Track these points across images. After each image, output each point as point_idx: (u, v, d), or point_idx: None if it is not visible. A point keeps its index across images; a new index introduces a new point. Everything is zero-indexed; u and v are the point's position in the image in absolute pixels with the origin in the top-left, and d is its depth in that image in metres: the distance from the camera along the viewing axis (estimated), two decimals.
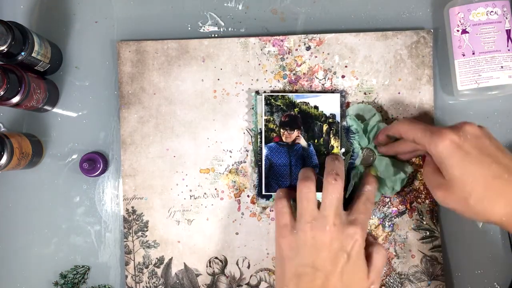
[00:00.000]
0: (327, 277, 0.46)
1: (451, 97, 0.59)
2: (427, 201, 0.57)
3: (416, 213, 0.57)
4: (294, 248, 0.48)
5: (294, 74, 0.58)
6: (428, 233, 0.57)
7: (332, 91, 0.57)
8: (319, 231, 0.47)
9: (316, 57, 0.58)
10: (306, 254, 0.47)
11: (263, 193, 0.57)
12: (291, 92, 0.57)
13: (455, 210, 0.47)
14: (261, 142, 0.56)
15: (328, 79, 0.58)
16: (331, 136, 0.56)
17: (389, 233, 0.57)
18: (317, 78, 0.58)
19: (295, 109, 0.56)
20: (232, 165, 0.58)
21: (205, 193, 0.58)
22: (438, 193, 0.48)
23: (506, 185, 0.44)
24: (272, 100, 0.56)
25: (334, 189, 0.48)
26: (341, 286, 0.46)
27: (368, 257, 0.48)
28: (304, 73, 0.58)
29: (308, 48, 0.58)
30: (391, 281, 0.57)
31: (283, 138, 0.57)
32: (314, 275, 0.46)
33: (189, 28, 0.60)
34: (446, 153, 0.46)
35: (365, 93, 0.58)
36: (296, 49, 0.58)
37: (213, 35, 0.60)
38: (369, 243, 0.50)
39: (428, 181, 0.50)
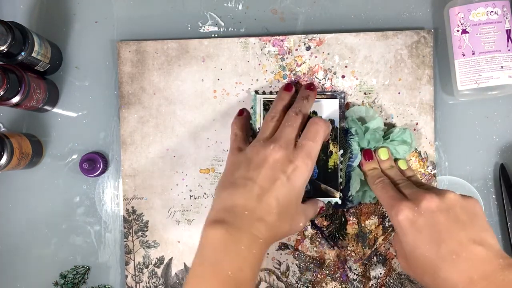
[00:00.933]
0: (263, 192, 0.45)
1: (451, 97, 0.59)
2: None
3: None
4: (238, 162, 0.48)
5: (294, 74, 0.58)
6: None
7: (331, 93, 0.57)
8: (264, 149, 0.47)
9: (316, 57, 0.58)
10: (247, 168, 0.47)
11: None
12: None
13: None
14: None
15: (328, 79, 0.58)
16: (329, 141, 0.55)
17: (389, 233, 0.57)
18: (317, 78, 0.58)
19: None
20: None
21: (205, 193, 0.58)
22: (400, 261, 0.48)
23: (454, 265, 0.42)
24: (271, 105, 0.56)
25: (293, 119, 0.49)
26: (275, 205, 0.45)
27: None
28: (304, 73, 0.58)
29: (308, 48, 0.58)
30: (391, 281, 0.57)
31: None
32: (251, 187, 0.45)
33: (189, 28, 0.60)
34: (400, 229, 0.46)
35: (365, 93, 0.57)
36: (296, 49, 0.58)
37: (213, 35, 0.60)
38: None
39: (394, 247, 0.51)
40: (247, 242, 0.43)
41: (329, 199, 0.55)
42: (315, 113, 0.56)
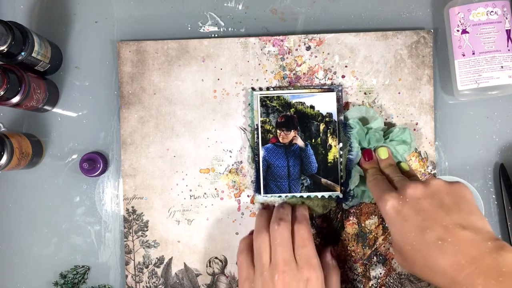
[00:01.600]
0: None
1: (451, 97, 0.59)
2: None
3: None
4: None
5: (294, 74, 0.58)
6: None
7: (329, 87, 0.57)
8: (271, 281, 0.47)
9: (316, 57, 0.58)
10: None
11: (262, 195, 0.57)
12: (286, 88, 0.57)
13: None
14: (257, 138, 0.57)
15: (328, 79, 0.58)
16: (328, 135, 0.56)
17: (389, 233, 0.57)
18: (317, 78, 0.58)
19: (291, 110, 0.57)
20: (232, 165, 0.58)
21: (205, 193, 0.58)
22: (395, 256, 0.47)
23: (441, 251, 0.41)
24: (268, 101, 0.56)
25: (279, 234, 0.49)
26: None
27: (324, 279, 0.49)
28: (304, 73, 0.58)
29: (308, 48, 0.58)
30: (391, 281, 0.57)
31: (280, 139, 0.57)
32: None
33: (189, 28, 0.60)
34: (388, 219, 0.46)
35: (365, 93, 0.58)
36: (296, 49, 0.58)
37: (213, 35, 0.60)
38: (325, 265, 0.52)
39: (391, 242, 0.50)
40: None
41: (330, 193, 0.55)
42: (312, 107, 0.56)
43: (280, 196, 0.57)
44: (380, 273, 0.57)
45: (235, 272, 0.58)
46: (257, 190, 0.57)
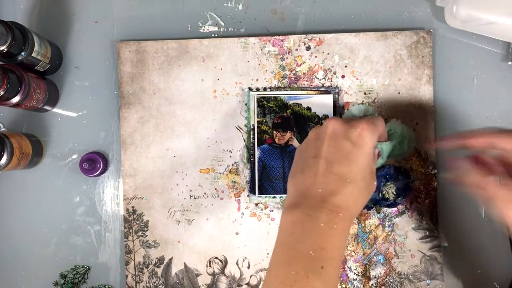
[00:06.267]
0: (330, 164, 0.44)
1: (451, 96, 0.58)
2: (427, 201, 0.57)
3: (416, 213, 0.57)
4: (301, 149, 0.47)
5: (294, 74, 0.58)
6: (427, 233, 0.57)
7: (325, 89, 0.57)
8: (323, 125, 0.46)
9: (316, 57, 0.58)
10: (311, 147, 0.46)
11: (257, 195, 0.57)
12: (284, 89, 0.57)
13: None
14: (253, 138, 0.57)
15: (328, 79, 0.58)
16: None
17: (389, 232, 0.57)
18: (317, 78, 0.58)
19: (288, 111, 0.57)
20: (232, 165, 0.58)
21: (205, 193, 0.58)
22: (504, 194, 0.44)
23: None
24: (265, 102, 0.57)
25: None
26: (347, 174, 0.43)
27: None
28: (304, 73, 0.58)
29: (308, 48, 0.58)
30: (391, 280, 0.57)
31: (276, 140, 0.57)
32: (317, 163, 0.44)
33: (189, 28, 0.60)
34: None
35: (365, 93, 0.58)
36: (296, 49, 0.58)
37: (213, 35, 0.60)
38: None
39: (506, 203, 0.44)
40: (325, 219, 0.41)
41: None
42: (309, 109, 0.56)
43: (274, 197, 0.57)
44: (380, 273, 0.57)
45: (235, 272, 0.58)
46: (252, 190, 0.57)
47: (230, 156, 0.58)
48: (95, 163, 0.58)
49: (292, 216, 0.43)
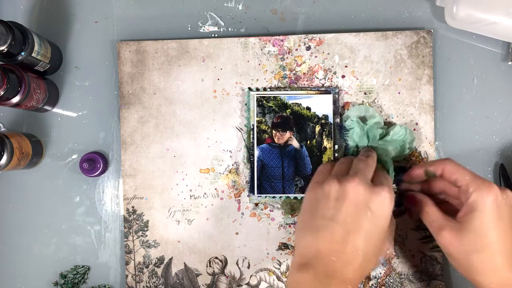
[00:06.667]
0: (347, 233, 0.43)
1: (451, 97, 0.59)
2: None
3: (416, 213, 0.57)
4: (317, 199, 0.46)
5: (294, 74, 0.58)
6: (428, 233, 0.57)
7: (325, 89, 0.57)
8: (342, 183, 0.45)
9: (316, 57, 0.58)
10: (328, 206, 0.45)
11: (256, 194, 0.57)
12: (283, 89, 0.57)
13: (450, 255, 0.47)
14: (253, 138, 0.57)
15: (328, 79, 0.58)
16: (323, 137, 0.56)
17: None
18: (317, 78, 0.58)
19: (287, 110, 0.57)
20: (232, 165, 0.58)
21: (205, 193, 0.58)
22: (444, 233, 0.46)
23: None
24: (264, 102, 0.57)
25: (363, 162, 0.48)
26: (362, 246, 0.43)
27: None
28: (304, 73, 0.58)
29: (308, 48, 0.58)
30: (391, 281, 0.57)
31: (275, 140, 0.57)
32: (334, 228, 0.43)
33: (189, 28, 0.60)
34: (484, 205, 0.45)
35: (365, 93, 0.58)
36: (296, 49, 0.58)
37: (213, 35, 0.60)
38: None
39: (432, 220, 0.48)
40: None
41: None
42: (308, 108, 0.56)
43: (274, 197, 0.57)
44: (380, 273, 0.57)
45: (235, 272, 0.58)
46: (252, 190, 0.57)
47: (230, 156, 0.58)
48: (95, 163, 0.58)
49: (303, 277, 0.43)
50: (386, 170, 0.54)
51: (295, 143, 0.57)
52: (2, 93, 0.50)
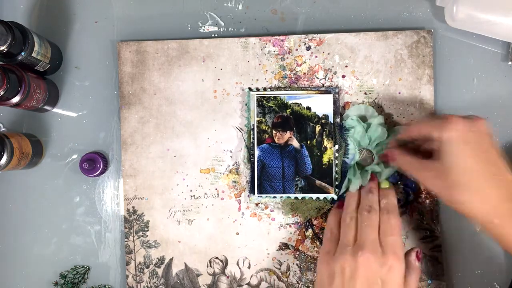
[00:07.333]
0: None
1: (451, 96, 0.59)
2: (427, 201, 0.57)
3: (416, 213, 0.57)
4: (332, 274, 0.48)
5: (294, 74, 0.58)
6: (428, 233, 0.57)
7: (326, 89, 0.57)
8: (353, 257, 0.47)
9: (316, 57, 0.58)
10: (342, 282, 0.47)
11: (256, 195, 0.57)
12: (284, 89, 0.57)
13: (436, 194, 0.49)
14: (253, 138, 0.57)
15: (328, 79, 0.58)
16: (324, 137, 0.56)
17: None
18: (317, 78, 0.58)
19: (288, 110, 0.57)
20: (233, 165, 0.58)
21: (205, 193, 0.58)
22: (423, 175, 0.49)
23: (491, 185, 0.45)
24: (264, 102, 0.57)
25: (368, 221, 0.49)
26: None
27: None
28: (304, 73, 0.58)
29: (308, 48, 0.58)
30: None
31: (276, 140, 0.57)
32: None
33: (189, 28, 0.60)
34: (448, 138, 0.47)
35: (365, 93, 0.58)
36: (296, 49, 0.58)
37: (213, 35, 0.60)
38: (407, 263, 0.50)
39: (409, 167, 0.51)
40: None
41: (325, 195, 0.56)
42: (308, 108, 0.56)
43: (275, 197, 0.57)
44: None
45: (236, 272, 0.58)
46: (252, 190, 0.57)
47: (231, 156, 0.58)
48: (95, 163, 0.58)
49: None
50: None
51: (295, 143, 0.57)
52: (2, 93, 0.50)
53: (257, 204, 0.58)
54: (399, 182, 0.57)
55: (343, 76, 0.58)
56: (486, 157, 0.46)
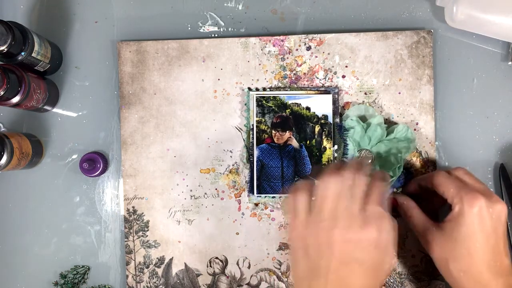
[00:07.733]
0: (341, 280, 0.44)
1: (451, 97, 0.59)
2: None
3: None
4: (305, 247, 0.46)
5: (294, 74, 0.58)
6: None
7: (325, 89, 0.57)
8: (326, 235, 0.44)
9: (316, 57, 0.58)
10: (318, 255, 0.45)
11: (256, 195, 0.57)
12: (283, 89, 0.57)
13: (432, 257, 0.50)
14: (253, 138, 0.57)
15: (328, 79, 0.58)
16: (323, 137, 0.56)
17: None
18: (317, 78, 0.58)
19: (287, 110, 0.57)
20: (233, 165, 0.58)
21: (205, 193, 0.58)
22: (427, 238, 0.50)
23: (488, 275, 0.46)
24: (264, 102, 0.57)
25: (349, 181, 0.46)
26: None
27: None
28: (304, 73, 0.58)
29: (309, 48, 0.58)
30: (391, 281, 0.57)
31: (275, 140, 0.57)
32: (326, 278, 0.44)
33: (189, 28, 0.60)
34: (465, 218, 0.46)
35: (365, 93, 0.58)
36: (297, 49, 0.58)
37: (213, 35, 0.60)
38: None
39: (416, 224, 0.51)
40: None
41: None
42: (308, 108, 0.56)
43: (274, 197, 0.57)
44: None
45: (236, 272, 0.58)
46: (251, 190, 0.57)
47: (231, 156, 0.58)
48: (95, 163, 0.58)
49: None
50: (396, 167, 0.55)
51: (294, 143, 0.57)
52: (2, 93, 0.50)
53: (256, 204, 0.58)
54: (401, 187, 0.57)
55: (343, 76, 0.58)
56: (495, 245, 0.47)
